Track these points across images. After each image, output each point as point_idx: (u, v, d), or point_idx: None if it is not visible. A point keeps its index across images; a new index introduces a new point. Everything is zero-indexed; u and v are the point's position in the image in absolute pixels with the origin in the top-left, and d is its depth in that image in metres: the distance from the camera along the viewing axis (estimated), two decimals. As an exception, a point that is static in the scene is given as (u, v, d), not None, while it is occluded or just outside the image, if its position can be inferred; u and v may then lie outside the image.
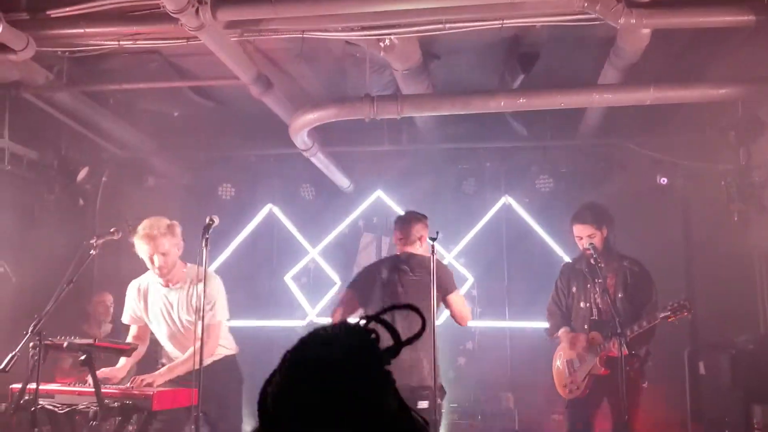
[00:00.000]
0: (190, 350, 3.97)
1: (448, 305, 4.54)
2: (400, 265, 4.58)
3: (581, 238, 4.92)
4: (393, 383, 1.31)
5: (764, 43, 4.85)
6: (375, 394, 1.27)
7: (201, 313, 3.84)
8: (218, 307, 4.20)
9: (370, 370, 1.28)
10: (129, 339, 4.43)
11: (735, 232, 5.93)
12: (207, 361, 3.89)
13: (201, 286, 3.94)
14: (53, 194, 6.39)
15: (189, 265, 4.31)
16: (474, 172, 7.31)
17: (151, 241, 4.08)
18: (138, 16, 4.49)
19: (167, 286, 4.25)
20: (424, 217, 4.73)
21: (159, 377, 4.02)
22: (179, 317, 4.23)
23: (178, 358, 4.20)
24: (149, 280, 4.35)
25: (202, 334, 3.79)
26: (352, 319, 1.38)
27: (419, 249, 4.60)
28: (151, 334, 4.46)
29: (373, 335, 1.32)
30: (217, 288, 4.25)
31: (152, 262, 4.12)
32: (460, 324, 4.69)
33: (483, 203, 7.44)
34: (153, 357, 4.66)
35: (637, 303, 4.76)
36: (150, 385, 3.92)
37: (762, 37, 4.74)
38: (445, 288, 4.44)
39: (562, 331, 4.97)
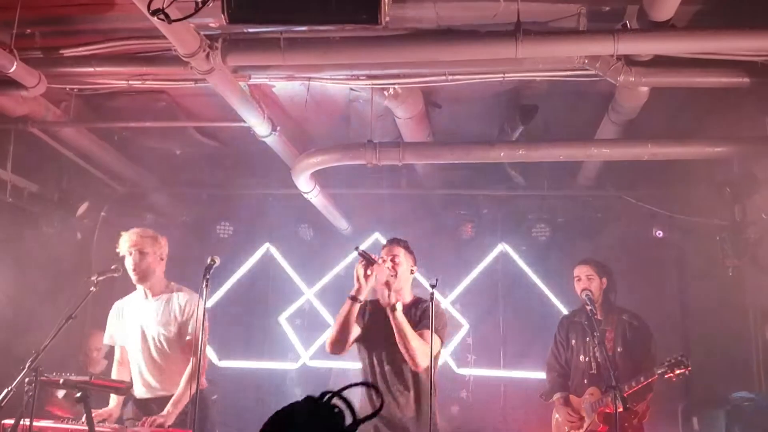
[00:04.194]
0: (186, 374, 4.05)
1: None
2: None
3: (580, 279, 4.94)
4: None
5: (758, 103, 4.97)
6: None
7: (200, 346, 3.81)
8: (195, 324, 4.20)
9: None
10: (114, 363, 4.50)
11: (730, 287, 5.97)
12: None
13: (186, 306, 4.22)
14: (52, 227, 6.40)
15: (176, 285, 4.40)
16: (471, 218, 7.33)
17: (133, 235, 4.27)
18: (148, 57, 4.56)
19: (146, 297, 4.34)
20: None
21: (170, 416, 4.01)
22: (155, 330, 4.25)
23: (155, 388, 4.23)
24: (131, 297, 4.46)
25: (199, 363, 3.75)
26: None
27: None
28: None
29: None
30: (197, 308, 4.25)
31: (130, 256, 4.24)
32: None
33: (480, 249, 7.44)
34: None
35: (635, 357, 4.75)
36: (162, 425, 3.92)
37: (756, 98, 4.86)
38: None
39: (557, 398, 4.96)
